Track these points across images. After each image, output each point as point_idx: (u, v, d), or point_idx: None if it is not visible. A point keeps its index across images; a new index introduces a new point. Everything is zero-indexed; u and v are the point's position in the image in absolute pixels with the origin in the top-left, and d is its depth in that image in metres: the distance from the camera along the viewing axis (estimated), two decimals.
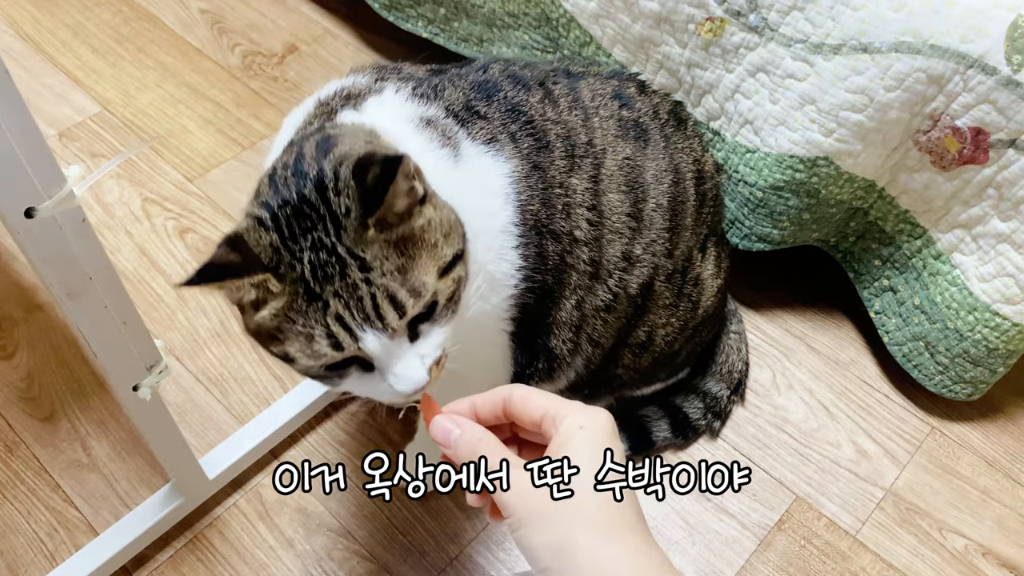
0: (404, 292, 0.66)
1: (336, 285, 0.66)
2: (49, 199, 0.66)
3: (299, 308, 0.66)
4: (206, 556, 1.06)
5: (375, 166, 0.65)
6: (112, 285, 0.77)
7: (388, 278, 0.66)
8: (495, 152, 0.82)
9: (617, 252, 0.91)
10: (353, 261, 0.65)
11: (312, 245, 0.66)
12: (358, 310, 0.65)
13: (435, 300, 0.68)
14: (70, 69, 1.60)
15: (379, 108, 0.81)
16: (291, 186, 0.68)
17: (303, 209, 0.67)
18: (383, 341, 0.66)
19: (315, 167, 0.68)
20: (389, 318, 0.66)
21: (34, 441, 1.14)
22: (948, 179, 1.05)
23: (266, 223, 0.68)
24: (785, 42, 1.06)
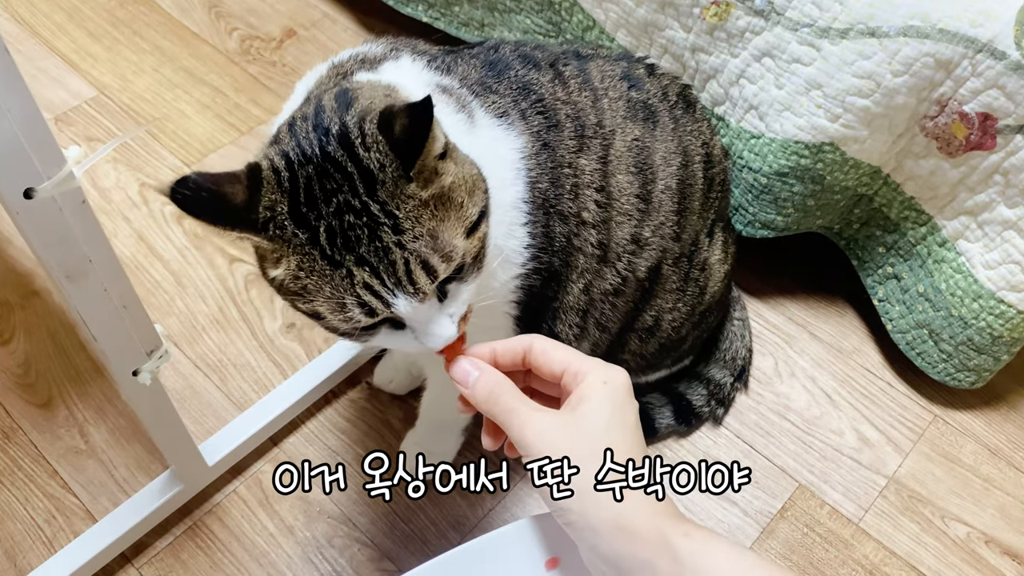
0: (436, 257, 0.64)
1: (363, 250, 0.63)
2: (49, 180, 0.65)
3: (322, 272, 0.64)
4: (205, 543, 1.05)
5: (400, 116, 0.62)
6: (112, 268, 0.76)
7: (420, 242, 0.64)
8: (507, 126, 0.81)
9: (626, 235, 0.90)
10: (387, 221, 0.63)
11: (337, 210, 0.63)
12: (389, 275, 0.63)
13: (463, 262, 0.67)
14: (66, 53, 1.58)
15: (396, 71, 0.79)
16: (312, 142, 0.65)
17: (327, 169, 0.64)
18: (414, 305, 0.65)
19: (337, 122, 0.65)
20: (421, 283, 0.64)
21: (32, 428, 1.13)
22: (954, 165, 1.04)
23: (283, 182, 0.64)
24: (791, 26, 1.04)
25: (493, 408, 0.61)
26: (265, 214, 0.63)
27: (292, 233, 0.64)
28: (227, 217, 0.63)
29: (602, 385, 0.59)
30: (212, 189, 0.62)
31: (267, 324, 1.24)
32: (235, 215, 0.63)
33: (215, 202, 0.62)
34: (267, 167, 0.65)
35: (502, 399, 0.60)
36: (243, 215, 0.63)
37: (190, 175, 0.62)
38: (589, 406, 0.58)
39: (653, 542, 0.55)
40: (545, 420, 0.59)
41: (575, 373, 0.60)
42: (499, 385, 0.61)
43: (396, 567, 1.03)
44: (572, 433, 0.59)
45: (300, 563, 1.04)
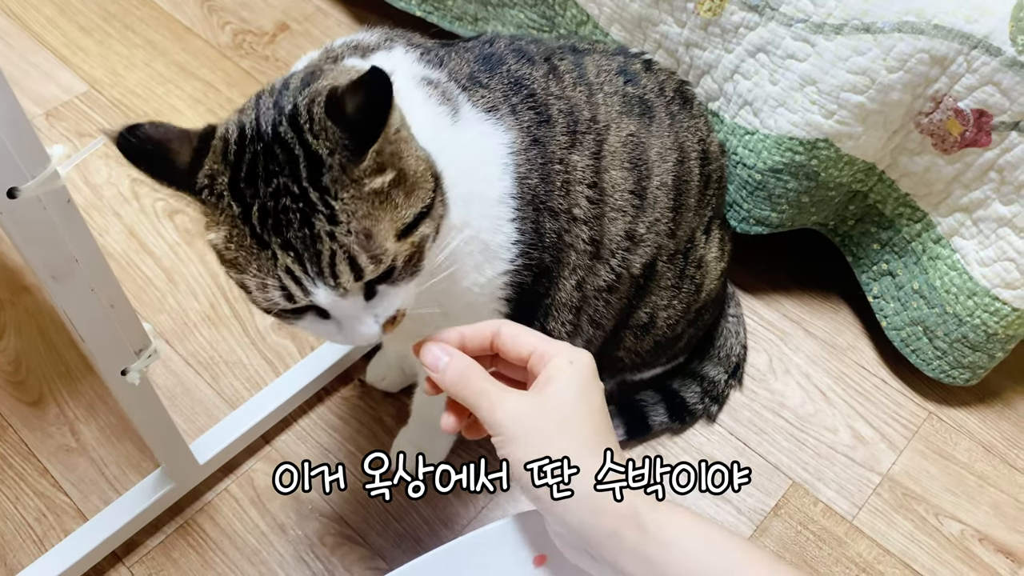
0: (365, 257, 0.63)
1: (291, 234, 0.63)
2: (33, 179, 0.64)
3: (250, 249, 0.64)
4: (197, 542, 1.04)
5: (351, 93, 0.61)
6: (99, 268, 0.75)
7: (352, 238, 0.63)
8: (495, 121, 0.80)
9: (620, 231, 0.90)
10: (323, 210, 0.62)
11: (275, 191, 0.62)
12: (313, 263, 0.63)
13: (393, 265, 0.66)
14: (56, 47, 1.57)
15: (386, 61, 0.79)
16: (269, 118, 0.64)
17: (273, 150, 0.63)
18: (334, 298, 0.65)
19: (291, 101, 0.65)
20: (344, 279, 0.64)
21: (22, 425, 1.13)
22: (949, 162, 1.03)
23: (229, 155, 0.64)
24: (786, 22, 1.04)
25: (463, 391, 0.62)
26: (204, 180, 0.64)
27: (228, 204, 0.63)
28: (166, 174, 0.64)
29: (568, 365, 0.61)
30: (159, 142, 0.63)
31: (259, 321, 1.23)
32: (175, 174, 0.64)
33: (158, 156, 0.63)
34: (220, 134, 0.65)
35: (472, 382, 0.61)
36: (183, 176, 0.64)
37: (142, 123, 0.63)
38: (556, 386, 0.60)
39: (624, 514, 0.57)
40: (515, 400, 0.60)
41: (541, 355, 0.61)
42: (468, 368, 0.62)
43: (388, 565, 1.03)
44: (541, 412, 0.60)
45: (292, 562, 1.03)
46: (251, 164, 0.63)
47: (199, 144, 0.65)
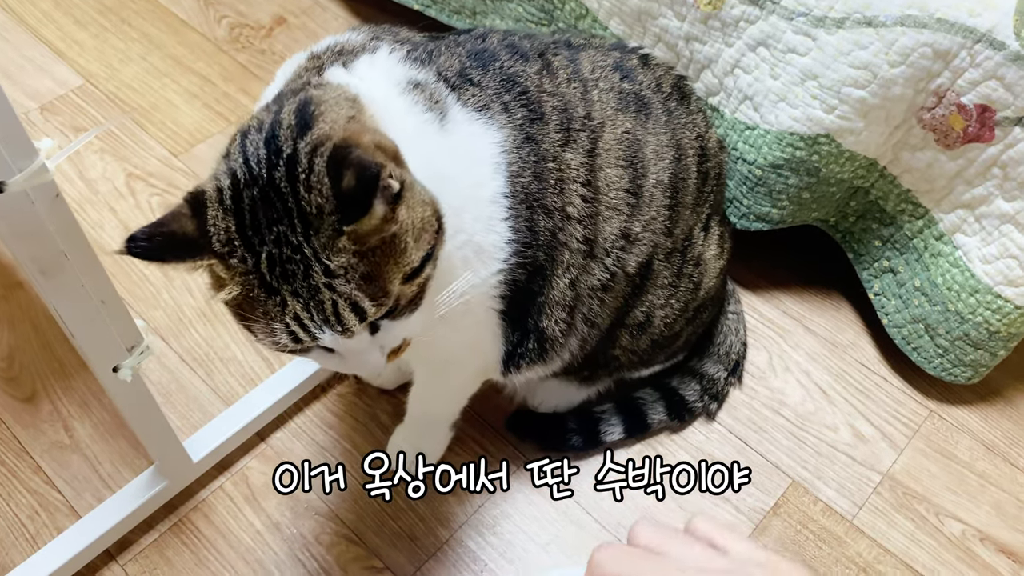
0: (368, 301, 0.65)
1: (296, 284, 0.64)
2: (20, 173, 0.63)
3: (258, 298, 0.65)
4: (191, 540, 1.03)
5: (348, 171, 0.61)
6: (89, 263, 0.74)
7: (352, 286, 0.64)
8: (486, 120, 0.80)
9: (615, 229, 0.89)
10: (318, 265, 0.64)
11: (276, 239, 0.64)
12: (318, 312, 0.65)
13: (397, 304, 0.68)
14: (52, 41, 1.55)
15: (369, 68, 0.78)
16: (261, 160, 0.65)
17: (270, 196, 0.64)
18: (340, 340, 0.67)
19: (290, 143, 0.65)
20: (349, 323, 0.66)
21: (15, 422, 1.12)
22: (952, 158, 1.02)
23: (226, 201, 0.65)
24: (787, 15, 1.02)
25: None
26: (219, 236, 0.64)
27: (240, 253, 0.64)
28: (188, 249, 0.64)
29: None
30: (163, 231, 0.63)
31: None
32: (193, 245, 0.64)
33: (171, 242, 0.63)
34: (212, 188, 0.65)
35: None
36: (200, 243, 0.64)
37: (135, 231, 0.63)
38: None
39: None
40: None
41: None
42: None
43: (384, 564, 1.02)
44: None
45: (287, 560, 1.02)
46: (252, 211, 0.64)
47: (194, 209, 0.65)
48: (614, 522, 1.06)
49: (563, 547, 1.04)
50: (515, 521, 1.06)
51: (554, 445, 1.10)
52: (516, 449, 1.11)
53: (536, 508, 1.07)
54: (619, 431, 1.10)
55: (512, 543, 1.04)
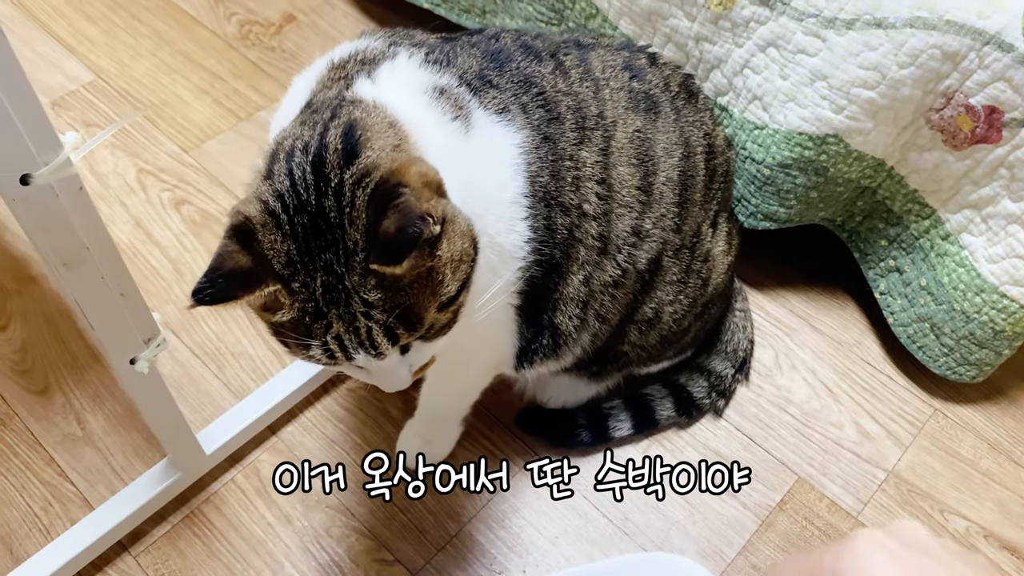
0: (402, 328, 0.68)
1: (341, 310, 0.67)
2: (45, 166, 0.64)
3: (303, 321, 0.67)
4: (203, 532, 1.04)
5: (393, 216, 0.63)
6: (109, 256, 0.75)
7: (388, 315, 0.67)
8: (506, 122, 0.81)
9: (626, 227, 0.90)
10: (356, 296, 0.66)
11: (325, 266, 0.66)
12: (354, 335, 0.67)
13: (430, 329, 0.70)
14: (63, 36, 1.56)
15: (392, 77, 0.79)
16: (311, 187, 0.66)
17: (319, 224, 0.66)
18: (373, 361, 0.70)
19: (337, 171, 0.66)
20: (383, 348, 0.68)
21: (28, 414, 1.13)
22: (959, 158, 1.03)
23: (282, 224, 0.66)
24: (797, 16, 1.03)
25: None
26: (273, 257, 0.66)
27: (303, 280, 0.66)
28: (250, 281, 0.65)
29: None
30: (222, 274, 0.65)
31: None
32: (254, 276, 0.65)
33: (233, 280, 0.65)
34: (258, 212, 0.67)
35: None
36: (260, 271, 0.65)
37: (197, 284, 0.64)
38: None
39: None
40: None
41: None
42: None
43: (394, 557, 1.03)
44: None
45: (298, 553, 1.03)
46: (304, 237, 0.66)
47: (241, 241, 0.66)
48: (621, 516, 1.07)
49: (571, 541, 1.05)
50: (524, 515, 1.07)
51: (563, 441, 1.11)
52: (524, 444, 1.12)
53: (544, 502, 1.08)
54: (628, 427, 1.11)
55: (520, 537, 1.05)
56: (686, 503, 1.08)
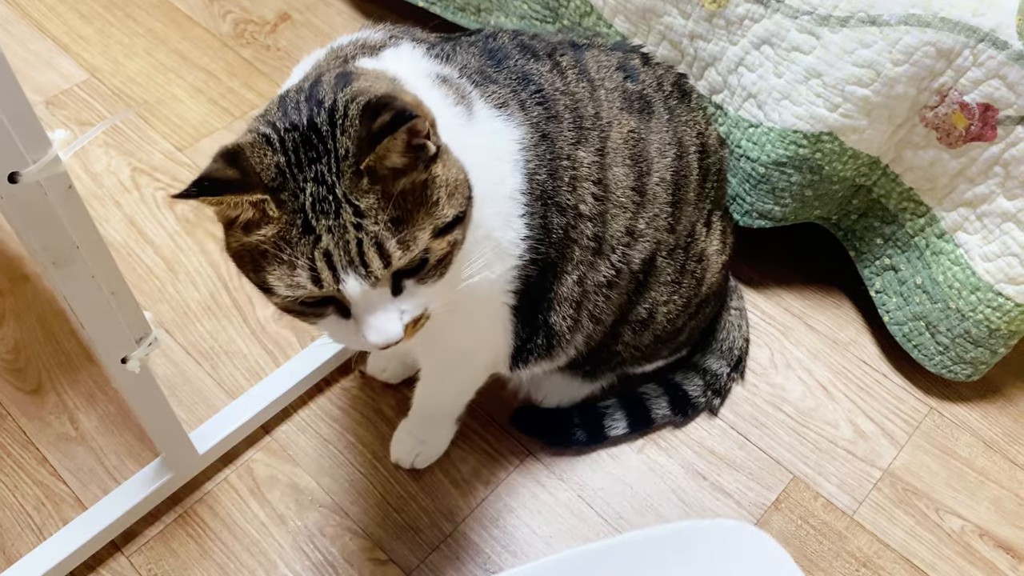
0: (394, 243, 0.65)
1: (330, 222, 0.65)
2: (34, 164, 0.64)
3: (290, 237, 0.66)
4: (196, 532, 1.04)
5: (386, 112, 0.64)
6: (100, 254, 0.75)
7: (380, 227, 0.65)
8: (506, 117, 0.81)
9: (620, 227, 0.90)
10: (347, 205, 0.65)
11: (316, 177, 0.65)
12: (344, 251, 0.65)
13: (425, 257, 0.68)
14: (57, 35, 1.56)
15: (396, 59, 0.79)
16: (302, 111, 0.67)
17: (311, 138, 0.66)
18: (364, 288, 0.66)
19: (330, 96, 0.67)
20: (373, 266, 0.65)
21: (20, 414, 1.12)
22: (954, 156, 1.03)
23: (272, 142, 0.66)
24: (791, 14, 1.03)
25: None
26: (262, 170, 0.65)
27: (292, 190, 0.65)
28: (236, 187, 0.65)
29: None
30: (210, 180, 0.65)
31: (259, 311, 1.23)
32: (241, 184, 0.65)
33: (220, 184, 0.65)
34: (249, 140, 0.67)
35: None
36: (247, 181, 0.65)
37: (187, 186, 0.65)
38: None
39: None
40: None
41: None
42: None
43: (388, 556, 1.03)
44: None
45: (291, 552, 1.03)
46: (295, 152, 0.66)
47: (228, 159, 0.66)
48: (615, 515, 1.07)
49: (565, 540, 1.05)
50: (518, 514, 1.06)
51: (559, 440, 1.11)
52: (519, 443, 1.12)
53: (539, 501, 1.07)
54: (623, 426, 1.10)
55: (515, 536, 1.05)
56: (681, 502, 1.08)
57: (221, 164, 0.65)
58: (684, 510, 1.07)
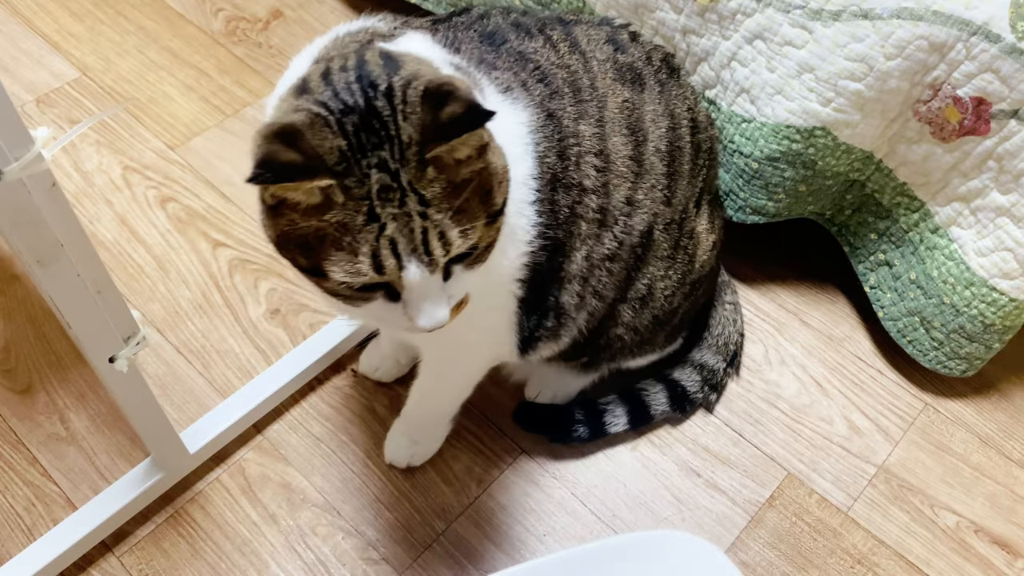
0: (456, 231, 0.66)
1: (395, 209, 0.64)
2: (16, 162, 0.63)
3: (354, 224, 0.64)
4: (187, 532, 1.04)
5: (454, 102, 0.63)
6: (85, 252, 0.74)
7: (444, 215, 0.65)
8: (512, 101, 0.81)
9: (622, 197, 0.90)
10: (413, 194, 0.64)
11: (379, 163, 0.64)
12: (408, 239, 0.65)
13: (478, 244, 0.69)
14: (48, 33, 1.55)
15: (410, 47, 0.77)
16: (355, 92, 0.65)
17: (372, 123, 0.64)
18: (423, 274, 0.66)
19: (384, 78, 0.66)
20: (436, 254, 0.66)
21: (11, 414, 1.12)
22: (948, 151, 1.02)
23: (330, 123, 0.64)
24: (784, 8, 1.03)
25: None
26: (325, 153, 0.63)
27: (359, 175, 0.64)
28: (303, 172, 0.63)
29: None
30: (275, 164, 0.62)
31: (251, 310, 1.22)
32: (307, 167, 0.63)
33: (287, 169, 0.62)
34: (303, 118, 0.64)
35: None
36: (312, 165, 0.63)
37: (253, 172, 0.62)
38: None
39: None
40: None
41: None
42: None
43: (380, 556, 1.02)
44: None
45: (283, 552, 1.02)
46: (356, 135, 0.64)
47: (285, 140, 0.63)
48: (609, 513, 1.06)
49: (559, 538, 1.04)
50: (511, 512, 1.06)
51: (561, 436, 1.10)
52: (512, 441, 1.11)
53: (532, 499, 1.07)
54: (623, 422, 1.10)
55: (508, 534, 1.04)
56: (675, 500, 1.08)
57: (279, 146, 0.63)
58: (678, 507, 1.07)
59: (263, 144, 0.63)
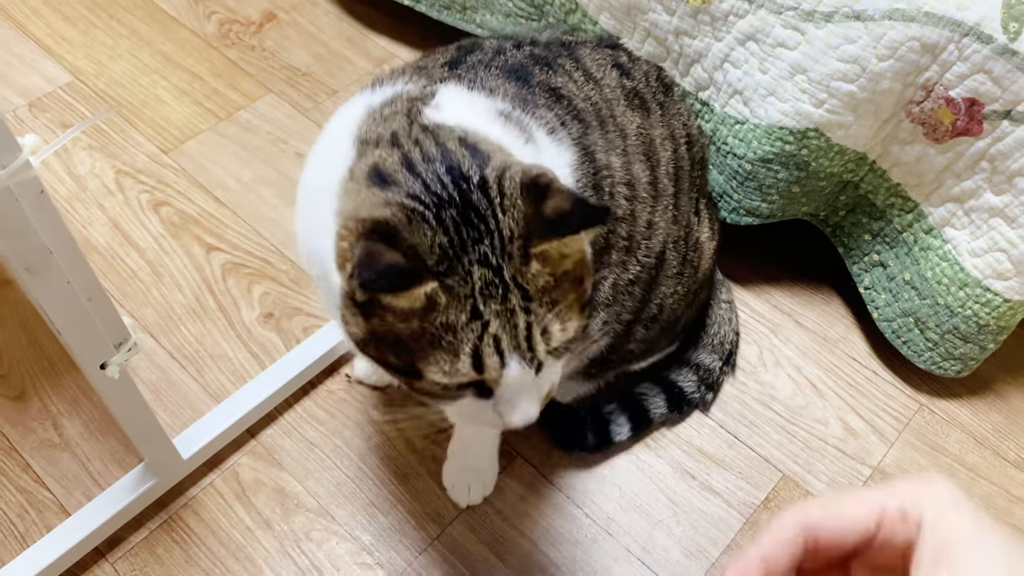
0: (557, 325, 0.63)
1: (498, 306, 0.61)
2: (3, 169, 0.63)
3: (456, 323, 0.61)
4: (181, 537, 1.03)
5: (557, 197, 0.61)
6: (74, 259, 0.74)
7: (546, 309, 0.62)
8: (558, 143, 0.78)
9: (643, 222, 0.90)
10: (516, 289, 0.62)
11: (481, 259, 0.61)
12: (511, 336, 0.62)
13: (574, 336, 0.66)
14: (40, 37, 1.55)
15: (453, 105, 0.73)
16: (446, 183, 0.62)
17: (470, 216, 0.61)
18: (523, 369, 0.63)
19: (476, 169, 0.63)
20: (539, 350, 0.63)
21: (3, 420, 1.11)
22: (941, 151, 1.02)
23: (428, 219, 0.61)
24: (776, 9, 1.02)
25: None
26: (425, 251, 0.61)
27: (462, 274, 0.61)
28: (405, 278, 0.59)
29: (957, 513, 0.38)
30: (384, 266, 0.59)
31: (244, 314, 1.22)
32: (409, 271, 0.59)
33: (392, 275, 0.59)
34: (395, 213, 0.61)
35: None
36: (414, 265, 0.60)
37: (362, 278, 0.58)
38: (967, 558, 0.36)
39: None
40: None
41: (900, 516, 0.39)
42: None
43: (375, 560, 1.02)
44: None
45: (277, 557, 1.02)
46: (456, 230, 0.61)
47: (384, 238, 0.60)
48: (604, 517, 1.06)
49: (554, 542, 1.04)
50: (505, 516, 1.06)
51: (574, 444, 1.09)
52: (507, 445, 1.11)
53: (526, 503, 1.07)
54: (627, 430, 1.09)
55: (503, 538, 1.04)
56: (670, 502, 1.07)
57: (379, 244, 0.59)
58: (673, 510, 1.07)
59: (361, 242, 0.59)
